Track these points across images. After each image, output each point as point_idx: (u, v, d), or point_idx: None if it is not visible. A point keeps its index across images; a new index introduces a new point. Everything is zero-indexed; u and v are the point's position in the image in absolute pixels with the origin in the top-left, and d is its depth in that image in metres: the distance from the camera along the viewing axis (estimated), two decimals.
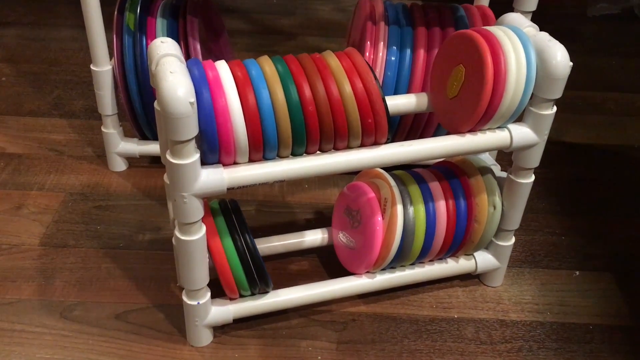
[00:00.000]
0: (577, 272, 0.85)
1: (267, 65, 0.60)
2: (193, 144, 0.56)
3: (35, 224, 0.88)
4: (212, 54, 1.02)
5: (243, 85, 0.58)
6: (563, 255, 0.87)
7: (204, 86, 0.56)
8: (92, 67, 0.89)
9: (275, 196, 0.96)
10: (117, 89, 0.92)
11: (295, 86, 0.59)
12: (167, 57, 0.56)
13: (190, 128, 0.55)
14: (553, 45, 0.63)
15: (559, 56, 0.63)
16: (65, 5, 1.51)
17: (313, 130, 0.60)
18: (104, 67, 0.89)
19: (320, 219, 0.91)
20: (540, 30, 0.67)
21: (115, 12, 0.90)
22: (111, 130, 0.95)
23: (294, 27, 1.48)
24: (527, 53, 0.63)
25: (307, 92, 0.59)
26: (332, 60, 0.61)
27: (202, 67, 0.58)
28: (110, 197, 0.94)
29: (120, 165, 0.99)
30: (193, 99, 0.54)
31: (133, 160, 1.00)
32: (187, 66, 0.58)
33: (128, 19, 0.88)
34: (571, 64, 0.63)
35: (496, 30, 0.65)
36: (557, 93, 0.65)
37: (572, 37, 1.50)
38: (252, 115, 0.58)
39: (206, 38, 1.00)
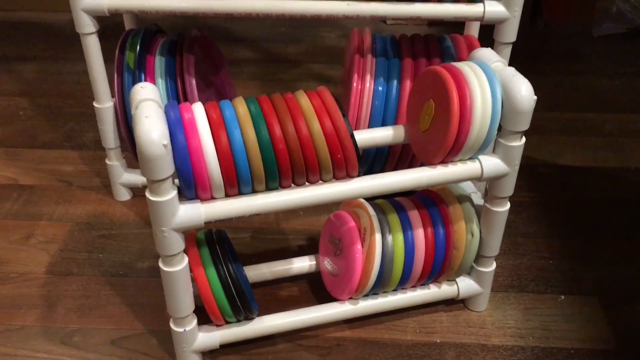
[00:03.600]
0: (563, 297, 0.86)
1: (240, 106, 0.64)
2: (169, 182, 0.60)
3: (43, 253, 0.93)
4: (213, 86, 1.07)
5: (217, 125, 0.62)
6: (549, 280, 0.89)
7: (178, 128, 0.60)
8: (94, 104, 0.95)
9: (270, 223, 0.99)
10: (119, 124, 0.97)
11: (266, 125, 0.62)
12: (144, 102, 0.61)
13: (165, 168, 0.59)
14: (517, 80, 0.66)
15: (523, 90, 0.65)
16: None
17: (284, 166, 0.63)
18: (105, 104, 0.94)
19: (312, 246, 0.94)
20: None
21: (117, 51, 0.94)
22: (115, 162, 1.00)
23: (299, 55, 1.52)
24: (492, 88, 0.66)
25: (278, 130, 0.62)
26: (303, 99, 0.65)
27: (179, 110, 0.62)
28: (114, 226, 0.98)
29: (124, 195, 1.04)
30: (167, 141, 0.58)
31: (137, 190, 1.05)
32: (165, 109, 0.62)
33: (128, 57, 0.93)
34: (535, 97, 0.66)
35: (463, 66, 0.68)
36: (524, 125, 0.67)
37: (577, 58, 1.50)
38: (225, 154, 0.61)
39: (207, 72, 1.05)
